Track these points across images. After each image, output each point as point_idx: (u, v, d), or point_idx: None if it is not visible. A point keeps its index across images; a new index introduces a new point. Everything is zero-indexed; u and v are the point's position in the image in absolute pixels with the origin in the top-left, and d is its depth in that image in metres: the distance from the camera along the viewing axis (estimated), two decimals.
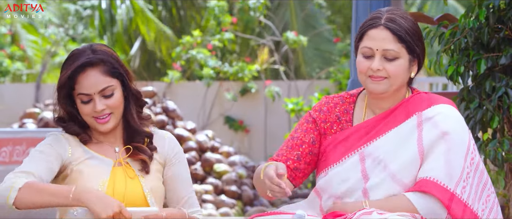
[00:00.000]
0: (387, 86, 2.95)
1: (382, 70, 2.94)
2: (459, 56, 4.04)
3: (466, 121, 4.09)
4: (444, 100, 3.00)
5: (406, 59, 2.95)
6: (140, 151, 3.13)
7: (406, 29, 2.93)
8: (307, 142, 3.07)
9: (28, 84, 16.55)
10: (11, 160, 8.59)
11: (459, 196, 2.84)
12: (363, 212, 2.85)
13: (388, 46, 2.92)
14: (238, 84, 15.13)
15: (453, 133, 2.90)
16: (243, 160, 11.85)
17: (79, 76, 3.05)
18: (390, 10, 2.98)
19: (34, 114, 11.52)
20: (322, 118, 3.08)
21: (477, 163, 2.91)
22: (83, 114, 3.08)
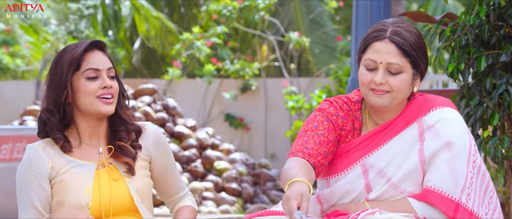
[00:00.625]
0: (389, 100, 2.92)
1: (385, 84, 2.90)
2: (460, 54, 4.04)
3: (466, 118, 4.09)
4: (442, 102, 2.97)
5: (409, 73, 2.91)
6: (124, 153, 3.09)
7: (411, 43, 2.89)
8: (332, 140, 2.98)
9: (28, 82, 16.55)
10: (12, 157, 8.59)
11: (464, 205, 2.82)
12: (367, 212, 2.83)
13: (392, 60, 2.88)
14: (239, 82, 15.12)
15: (455, 140, 2.87)
16: (243, 158, 11.85)
17: (86, 55, 3.06)
18: (396, 22, 2.94)
19: (34, 111, 11.52)
20: (340, 124, 3.01)
21: (479, 165, 2.89)
22: (88, 92, 3.04)
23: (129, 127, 3.12)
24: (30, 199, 3.06)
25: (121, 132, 3.12)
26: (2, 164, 8.56)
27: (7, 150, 8.57)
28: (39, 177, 3.06)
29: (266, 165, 11.96)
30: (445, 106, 2.94)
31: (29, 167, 3.08)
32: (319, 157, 2.92)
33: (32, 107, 11.66)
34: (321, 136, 2.95)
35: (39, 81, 15.96)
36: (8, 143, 8.55)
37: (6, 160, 8.59)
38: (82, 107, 3.07)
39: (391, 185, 2.92)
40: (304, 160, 2.88)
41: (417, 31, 2.95)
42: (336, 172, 3.01)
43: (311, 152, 2.91)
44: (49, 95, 3.07)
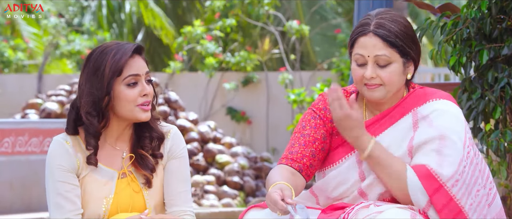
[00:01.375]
0: (383, 93, 2.93)
1: (376, 78, 2.91)
2: (461, 47, 4.03)
3: (468, 112, 4.09)
4: (441, 94, 2.98)
5: (399, 63, 2.92)
6: (143, 164, 3.07)
7: (396, 33, 2.90)
8: (319, 138, 3.02)
9: (30, 75, 16.55)
10: (14, 150, 8.60)
11: (447, 189, 2.82)
12: (361, 206, 2.85)
13: (379, 52, 2.90)
14: (240, 75, 15.12)
15: (448, 130, 2.87)
16: (245, 151, 11.86)
17: (128, 61, 3.02)
18: (379, 13, 2.95)
19: (36, 105, 11.52)
20: (330, 117, 3.04)
21: (472, 157, 2.89)
22: (128, 100, 3.01)
23: (153, 134, 3.10)
24: (59, 191, 3.03)
25: (145, 138, 3.09)
26: (4, 158, 8.57)
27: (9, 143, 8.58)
28: (67, 170, 3.04)
29: (268, 158, 11.97)
30: (442, 99, 2.95)
31: (56, 160, 3.05)
32: (304, 159, 2.99)
33: (34, 100, 11.67)
34: (307, 136, 3.01)
35: (41, 75, 15.97)
36: (10, 136, 8.56)
37: (8, 153, 8.59)
38: (119, 113, 3.05)
39: None
40: (287, 166, 2.98)
41: (404, 19, 2.96)
42: (331, 163, 3.03)
43: (295, 157, 2.99)
44: (89, 98, 3.01)
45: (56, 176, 3.03)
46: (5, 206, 8.55)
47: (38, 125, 8.93)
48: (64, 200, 3.02)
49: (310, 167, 3.01)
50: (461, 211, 2.83)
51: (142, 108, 3.03)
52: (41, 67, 16.30)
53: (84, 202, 3.05)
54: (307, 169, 3.01)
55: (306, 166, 3.00)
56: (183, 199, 3.12)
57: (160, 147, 3.12)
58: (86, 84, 3.03)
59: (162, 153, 3.12)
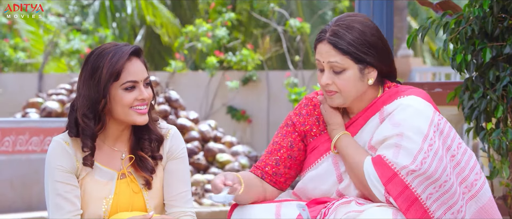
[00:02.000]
0: (341, 100, 2.97)
1: (332, 85, 2.95)
2: (465, 45, 4.02)
3: (470, 111, 4.08)
4: (411, 91, 2.98)
5: (354, 69, 2.94)
6: (143, 166, 3.07)
7: (349, 41, 2.92)
8: (285, 146, 3.08)
9: (31, 74, 16.54)
10: (14, 149, 8.59)
11: (402, 177, 2.83)
12: (342, 201, 2.87)
13: (332, 59, 2.93)
14: (241, 74, 15.11)
15: (405, 123, 2.88)
16: (245, 150, 11.85)
17: (126, 64, 3.01)
18: (338, 20, 2.98)
19: (36, 104, 11.51)
20: (302, 121, 3.08)
21: (435, 150, 2.89)
22: (123, 104, 3.00)
23: (152, 136, 3.09)
24: (59, 191, 3.02)
25: (144, 140, 3.08)
26: (4, 157, 8.56)
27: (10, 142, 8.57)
28: (66, 171, 3.03)
29: None
30: (409, 94, 2.96)
31: (56, 161, 3.04)
32: (266, 168, 3.07)
33: (35, 99, 11.66)
34: (275, 143, 3.09)
35: (42, 74, 15.96)
36: (10, 135, 8.55)
37: (9, 152, 8.59)
38: (116, 116, 3.04)
39: None
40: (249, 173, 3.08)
41: (363, 25, 2.95)
42: (309, 165, 3.06)
43: (259, 164, 3.09)
44: (85, 100, 3.01)
45: (55, 176, 3.02)
46: (6, 205, 8.55)
47: (39, 124, 8.92)
48: (63, 201, 3.01)
49: (274, 175, 3.07)
50: (417, 200, 2.84)
51: (138, 111, 3.02)
52: (42, 66, 16.29)
53: (84, 203, 3.04)
54: (270, 176, 3.07)
55: (269, 174, 3.07)
56: (183, 200, 3.10)
57: (159, 148, 3.11)
58: (83, 87, 3.02)
59: (161, 154, 3.11)
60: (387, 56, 2.99)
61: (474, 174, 2.99)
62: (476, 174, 2.99)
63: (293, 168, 3.09)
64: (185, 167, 3.14)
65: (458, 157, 2.97)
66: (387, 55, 2.99)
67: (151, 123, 3.10)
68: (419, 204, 2.84)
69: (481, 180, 3.00)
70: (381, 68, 2.97)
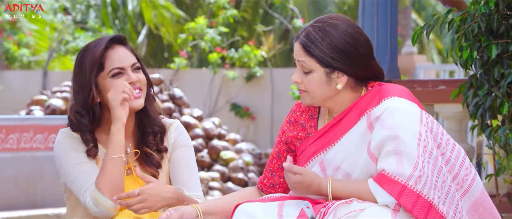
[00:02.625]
0: (309, 99, 2.97)
1: (301, 83, 2.97)
2: (471, 42, 4.01)
3: (476, 108, 4.07)
4: (395, 91, 2.94)
5: (320, 72, 2.93)
6: (148, 162, 3.07)
7: (318, 43, 2.91)
8: (275, 156, 3.13)
9: (35, 72, 16.55)
10: (19, 147, 8.59)
11: (412, 187, 2.80)
12: (343, 201, 2.84)
13: (300, 58, 2.95)
14: (244, 71, 15.11)
15: (399, 128, 2.85)
16: (249, 147, 11.85)
17: (108, 53, 3.01)
18: (316, 22, 2.97)
19: (41, 101, 11.52)
20: (291, 128, 3.09)
21: (430, 150, 2.86)
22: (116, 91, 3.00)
23: (155, 128, 3.09)
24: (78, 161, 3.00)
25: (148, 134, 3.09)
26: (9, 154, 8.56)
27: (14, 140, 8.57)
28: (80, 151, 3.03)
29: None
30: (393, 96, 2.92)
31: (67, 144, 3.03)
32: (264, 180, 3.14)
33: (39, 97, 11.66)
34: (270, 155, 3.16)
35: (46, 71, 15.96)
36: (15, 133, 8.55)
37: (14, 150, 8.59)
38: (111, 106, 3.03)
39: None
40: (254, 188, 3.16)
41: (337, 31, 2.93)
42: None
43: (260, 177, 3.17)
44: (77, 97, 3.03)
45: (70, 155, 3.02)
46: (11, 202, 8.55)
47: (43, 121, 8.92)
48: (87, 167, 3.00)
49: (271, 186, 3.11)
50: (432, 206, 2.81)
51: None
52: (46, 63, 16.30)
53: None
54: (268, 188, 3.12)
55: (267, 186, 3.12)
56: (190, 186, 3.11)
57: (163, 140, 3.10)
58: (74, 84, 3.04)
59: (166, 146, 3.10)
60: (362, 61, 2.94)
61: (464, 169, 2.96)
62: (466, 169, 2.96)
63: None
64: (190, 155, 3.14)
65: (447, 154, 2.94)
66: (363, 61, 2.94)
67: (152, 110, 3.10)
68: (434, 210, 2.81)
69: (471, 174, 2.97)
70: (354, 74, 2.94)
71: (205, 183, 10.83)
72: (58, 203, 8.65)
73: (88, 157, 3.04)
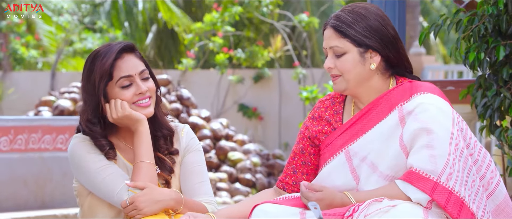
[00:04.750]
0: (343, 84, 2.96)
1: (334, 68, 2.96)
2: (479, 43, 4.00)
3: (484, 109, 4.06)
4: (426, 88, 2.96)
5: (354, 52, 2.94)
6: (162, 167, 3.07)
7: (348, 23, 2.93)
8: (298, 153, 3.11)
9: (43, 73, 16.58)
10: (27, 147, 8.61)
11: (444, 184, 2.80)
12: (374, 199, 2.82)
13: (332, 43, 2.95)
14: (252, 72, 15.10)
15: (433, 124, 2.85)
16: (257, 148, 11.85)
17: (117, 63, 3.01)
18: (344, 7, 3.00)
19: (49, 102, 11.54)
20: (315, 123, 3.08)
21: (461, 149, 2.87)
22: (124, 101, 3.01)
23: (165, 132, 3.10)
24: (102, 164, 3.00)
25: (159, 139, 3.09)
26: (18, 155, 8.58)
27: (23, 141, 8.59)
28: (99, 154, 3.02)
29: (280, 155, 11.96)
30: (427, 92, 2.94)
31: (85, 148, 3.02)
32: (287, 178, 3.11)
33: (48, 98, 11.69)
34: (292, 152, 3.13)
35: (55, 72, 16.00)
36: (23, 134, 8.57)
37: (22, 151, 8.61)
38: None
39: (381, 175, 2.90)
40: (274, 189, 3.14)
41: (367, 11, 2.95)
42: (324, 162, 3.03)
43: (281, 176, 3.13)
44: (87, 105, 3.03)
45: (91, 159, 3.01)
46: (20, 203, 8.57)
47: (51, 122, 8.94)
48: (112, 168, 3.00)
49: (294, 184, 3.09)
50: (464, 203, 2.81)
51: (140, 105, 3.03)
52: (54, 64, 16.33)
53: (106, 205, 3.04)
54: (290, 186, 3.09)
55: (289, 184, 3.10)
56: (201, 190, 3.11)
57: (172, 142, 3.12)
58: (83, 92, 3.05)
59: (177, 148, 3.12)
60: (393, 43, 2.97)
61: (489, 172, 2.96)
62: (491, 172, 2.97)
63: (311, 174, 3.08)
64: (200, 159, 3.15)
65: (475, 155, 2.95)
66: (394, 43, 2.97)
67: (161, 115, 3.11)
68: (466, 208, 2.81)
69: (496, 178, 2.98)
70: (386, 55, 2.96)
71: (212, 183, 10.83)
72: (67, 203, 8.67)
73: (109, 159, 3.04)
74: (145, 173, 2.98)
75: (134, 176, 2.98)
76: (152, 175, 3.00)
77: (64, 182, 8.71)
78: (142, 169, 2.98)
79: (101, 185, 3.00)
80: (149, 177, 2.99)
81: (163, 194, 2.96)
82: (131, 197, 2.93)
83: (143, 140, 3.01)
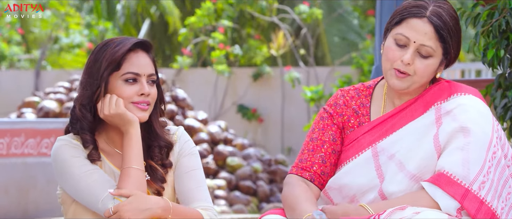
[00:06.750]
0: (409, 83, 2.93)
1: (411, 66, 2.90)
2: (498, 39, 3.99)
3: (504, 110, 4.05)
4: (467, 89, 2.96)
5: (438, 59, 2.93)
6: (154, 177, 3.08)
7: (449, 28, 2.90)
8: (328, 140, 3.04)
9: (27, 71, 16.58)
10: (9, 152, 8.61)
11: (475, 192, 2.79)
12: (397, 207, 2.81)
13: (427, 42, 2.89)
14: (251, 70, 15.10)
15: (473, 126, 2.85)
16: (258, 153, 11.84)
17: (129, 55, 3.04)
18: (438, 1, 2.93)
19: (33, 103, 11.54)
20: (339, 111, 3.05)
21: (499, 158, 2.86)
22: (123, 96, 3.02)
23: (161, 143, 3.11)
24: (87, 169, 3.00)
25: (154, 148, 3.10)
26: None
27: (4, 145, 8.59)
28: (84, 158, 3.03)
29: (283, 161, 11.95)
30: (468, 94, 2.94)
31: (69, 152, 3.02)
32: (314, 167, 3.01)
33: (31, 98, 11.68)
34: (315, 140, 3.03)
35: (39, 71, 15.99)
36: (5, 137, 8.57)
37: (3, 156, 8.61)
38: None
39: (407, 174, 2.90)
40: (300, 179, 3.00)
41: (457, 15, 2.93)
42: (346, 159, 3.02)
43: (305, 165, 3.02)
44: (85, 90, 3.04)
45: (76, 163, 3.01)
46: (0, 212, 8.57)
47: (35, 125, 8.94)
48: (98, 173, 3.00)
49: (322, 174, 3.02)
50: (495, 216, 2.80)
51: (138, 107, 3.03)
52: (39, 62, 16.32)
53: None
54: (318, 177, 3.02)
55: (317, 174, 3.02)
56: (197, 196, 3.11)
57: (168, 155, 3.13)
58: (84, 76, 3.06)
59: (171, 161, 3.12)
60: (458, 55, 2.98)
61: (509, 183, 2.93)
62: (509, 187, 2.93)
63: (336, 165, 3.04)
64: (196, 163, 3.14)
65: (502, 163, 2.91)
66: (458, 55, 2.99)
67: (158, 126, 3.12)
68: None
69: None
70: (448, 65, 2.98)
71: (210, 191, 10.83)
72: (52, 212, 8.67)
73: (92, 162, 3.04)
74: (134, 179, 2.98)
75: (120, 183, 2.98)
76: (140, 182, 2.99)
77: (49, 190, 8.71)
78: (130, 175, 2.98)
79: (85, 192, 3.00)
80: (137, 184, 2.98)
81: (150, 202, 2.96)
82: (115, 206, 2.93)
83: (133, 143, 3.01)
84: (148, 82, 3.06)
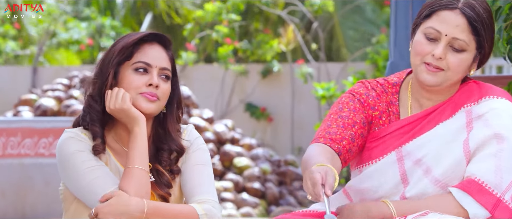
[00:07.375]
0: (441, 79, 2.91)
1: (443, 60, 2.89)
2: None
3: None
4: (497, 91, 2.95)
5: (472, 54, 2.91)
6: (160, 182, 3.09)
7: (483, 21, 2.88)
8: (359, 122, 2.98)
9: (24, 67, 16.61)
10: (5, 153, 8.62)
11: (507, 202, 2.79)
12: (419, 213, 2.80)
13: (459, 35, 2.88)
14: (260, 67, 15.10)
15: (507, 133, 2.84)
16: (267, 154, 11.84)
17: (143, 46, 3.08)
18: None
19: (30, 101, 11.56)
20: (372, 104, 3.02)
21: None
22: (131, 86, 3.05)
23: (173, 146, 3.13)
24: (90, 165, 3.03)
25: (163, 152, 3.12)
26: None
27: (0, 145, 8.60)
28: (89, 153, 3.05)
29: (292, 162, 11.96)
30: (500, 97, 2.93)
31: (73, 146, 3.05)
32: (343, 142, 2.93)
33: (28, 96, 11.70)
34: (346, 118, 2.97)
35: (36, 67, 16.02)
36: (1, 137, 8.59)
37: None
38: None
39: (432, 180, 2.89)
40: (326, 146, 2.91)
41: (489, 8, 2.92)
42: (369, 160, 3.00)
43: (334, 137, 2.93)
44: (95, 81, 3.09)
45: (81, 157, 3.03)
46: None
47: (33, 124, 8.96)
48: (103, 170, 3.02)
49: (349, 151, 2.95)
50: None
51: (146, 97, 3.06)
52: (36, 58, 16.35)
53: None
54: (346, 153, 2.94)
55: (346, 150, 2.94)
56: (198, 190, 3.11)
57: (177, 160, 3.14)
58: (96, 67, 3.11)
59: (179, 167, 3.14)
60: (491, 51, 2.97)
61: None
62: None
63: (360, 148, 3.01)
64: (204, 158, 3.16)
65: None
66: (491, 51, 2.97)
67: (173, 129, 3.14)
68: None
69: None
70: (481, 62, 2.96)
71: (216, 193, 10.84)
72: (49, 214, 8.68)
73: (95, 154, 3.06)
74: (136, 179, 3.00)
75: (122, 182, 3.00)
76: (142, 182, 3.01)
77: (47, 191, 8.72)
78: (132, 175, 3.01)
79: (86, 189, 3.02)
80: (139, 184, 3.00)
81: (130, 204, 2.97)
82: (95, 208, 2.96)
83: (138, 142, 3.03)
84: (161, 77, 3.09)
